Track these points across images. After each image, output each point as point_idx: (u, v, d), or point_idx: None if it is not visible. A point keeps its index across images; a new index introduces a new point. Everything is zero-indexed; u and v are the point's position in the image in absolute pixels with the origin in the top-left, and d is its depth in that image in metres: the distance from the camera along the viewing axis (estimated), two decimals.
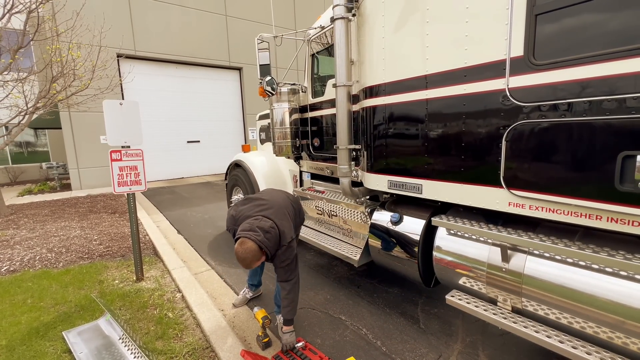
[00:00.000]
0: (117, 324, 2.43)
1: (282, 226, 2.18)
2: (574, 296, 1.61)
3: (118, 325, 2.41)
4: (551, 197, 1.61)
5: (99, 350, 2.23)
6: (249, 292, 3.00)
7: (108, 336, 2.38)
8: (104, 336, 2.38)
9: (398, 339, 2.45)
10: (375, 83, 2.46)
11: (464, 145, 1.95)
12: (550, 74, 1.55)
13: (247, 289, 3.01)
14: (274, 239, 2.11)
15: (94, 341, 2.33)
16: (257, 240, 2.00)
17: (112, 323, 2.48)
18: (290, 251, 2.21)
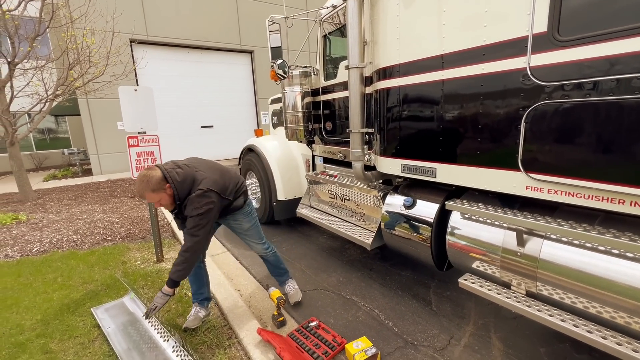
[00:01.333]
0: (141, 302, 2.56)
1: (201, 173, 2.08)
2: (591, 281, 1.58)
3: (142, 303, 2.54)
4: (572, 180, 1.56)
5: (124, 326, 2.37)
6: (201, 310, 2.44)
7: (132, 313, 2.52)
8: (129, 313, 2.53)
9: (410, 320, 2.49)
10: (389, 64, 2.40)
11: (480, 128, 1.90)
12: (575, 50, 1.47)
13: (198, 307, 2.45)
14: (187, 179, 2.01)
15: (120, 317, 2.47)
16: (164, 169, 1.96)
17: (135, 301, 2.61)
18: (205, 201, 1.99)
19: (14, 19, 5.73)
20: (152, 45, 10.74)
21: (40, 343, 2.25)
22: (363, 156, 2.75)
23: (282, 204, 4.35)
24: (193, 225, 2.02)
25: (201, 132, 12.51)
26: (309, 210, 3.92)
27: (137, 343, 2.19)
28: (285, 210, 4.38)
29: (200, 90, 12.25)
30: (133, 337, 2.25)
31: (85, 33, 6.41)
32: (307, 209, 3.99)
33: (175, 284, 2.08)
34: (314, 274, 3.27)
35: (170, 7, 11.02)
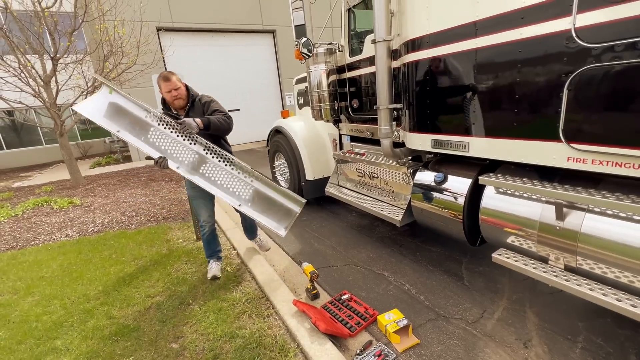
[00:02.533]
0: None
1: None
2: (637, 254, 1.51)
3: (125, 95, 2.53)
4: (620, 149, 1.46)
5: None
6: (219, 263, 2.99)
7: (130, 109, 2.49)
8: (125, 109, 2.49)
9: (441, 294, 2.52)
10: (418, 35, 2.30)
11: (518, 98, 1.81)
12: (630, 5, 1.33)
13: (217, 261, 2.97)
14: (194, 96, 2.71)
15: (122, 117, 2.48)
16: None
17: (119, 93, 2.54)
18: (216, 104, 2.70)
19: (52, 16, 6.06)
20: (178, 32, 10.92)
21: (104, 310, 2.56)
22: (392, 133, 2.72)
23: (311, 184, 4.43)
24: (225, 112, 2.66)
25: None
26: (337, 189, 3.97)
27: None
28: (314, 190, 4.46)
29: (225, 74, 12.41)
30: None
31: (116, 24, 6.65)
32: (335, 187, 4.04)
33: (208, 127, 2.49)
34: (344, 250, 3.36)
35: None
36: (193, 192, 2.87)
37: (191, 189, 2.87)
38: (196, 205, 2.92)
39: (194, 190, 2.84)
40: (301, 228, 4.03)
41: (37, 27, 6.04)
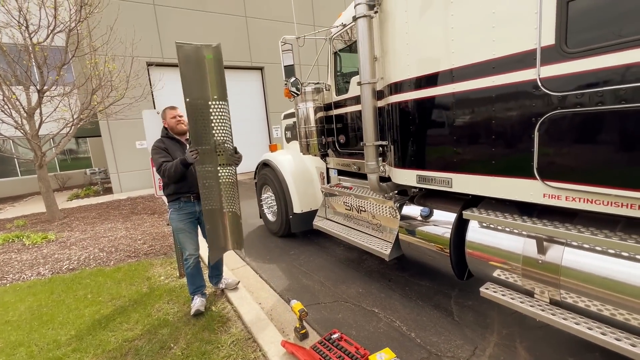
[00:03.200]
0: None
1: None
2: (616, 287, 1.58)
3: None
4: (589, 187, 1.58)
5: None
6: (204, 298, 2.96)
7: None
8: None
9: (432, 330, 2.49)
10: (400, 79, 2.48)
11: (494, 138, 1.94)
12: (584, 61, 1.51)
13: (201, 297, 2.93)
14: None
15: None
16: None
17: None
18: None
19: (43, 50, 6.14)
20: (168, 66, 11.20)
21: (76, 357, 2.36)
22: (378, 168, 2.81)
23: (298, 217, 4.43)
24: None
25: None
26: (325, 222, 3.97)
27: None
28: (301, 223, 4.45)
29: None
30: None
31: (107, 59, 6.79)
32: (323, 220, 4.05)
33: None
34: (332, 286, 3.30)
35: (183, 28, 11.54)
36: (181, 225, 2.84)
37: (179, 222, 2.83)
38: (182, 239, 2.88)
39: (181, 223, 2.83)
40: (289, 263, 3.95)
41: (26, 61, 6.08)
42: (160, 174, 2.68)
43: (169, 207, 2.88)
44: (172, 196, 2.80)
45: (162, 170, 2.64)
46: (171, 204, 2.83)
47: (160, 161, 2.67)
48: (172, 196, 2.80)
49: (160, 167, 2.65)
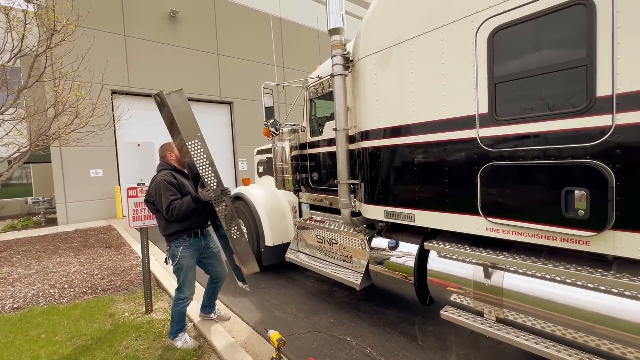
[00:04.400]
0: None
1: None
2: (542, 304, 1.97)
3: None
4: (519, 222, 2.01)
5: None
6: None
7: None
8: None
9: (400, 355, 2.70)
10: (370, 128, 2.91)
11: (447, 181, 2.37)
12: (508, 127, 2.02)
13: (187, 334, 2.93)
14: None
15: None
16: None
17: None
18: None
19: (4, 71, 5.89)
20: (134, 95, 11.06)
21: None
22: (350, 204, 3.14)
23: (270, 250, 4.53)
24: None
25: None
26: (297, 255, 4.14)
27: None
28: (273, 256, 4.55)
29: None
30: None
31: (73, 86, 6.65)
32: (295, 253, 4.20)
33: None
34: (305, 317, 3.41)
35: (154, 61, 11.65)
36: (191, 262, 2.84)
37: (190, 259, 2.81)
38: (189, 277, 2.84)
39: (192, 260, 2.85)
40: (260, 296, 3.99)
41: None
42: (169, 212, 2.57)
43: (174, 245, 2.75)
44: (180, 233, 2.72)
45: (171, 209, 2.56)
46: (178, 241, 2.74)
47: (170, 199, 2.58)
48: (181, 233, 2.73)
49: (169, 205, 2.56)
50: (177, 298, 2.85)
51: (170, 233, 2.74)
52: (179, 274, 2.82)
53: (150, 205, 2.81)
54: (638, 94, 1.57)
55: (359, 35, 2.96)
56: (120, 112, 8.42)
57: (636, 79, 1.57)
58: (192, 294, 2.88)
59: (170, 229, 2.73)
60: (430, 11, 2.37)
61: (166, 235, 2.79)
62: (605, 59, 1.64)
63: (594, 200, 1.68)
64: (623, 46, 1.59)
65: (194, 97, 12.76)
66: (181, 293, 2.83)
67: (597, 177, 1.67)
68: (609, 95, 1.64)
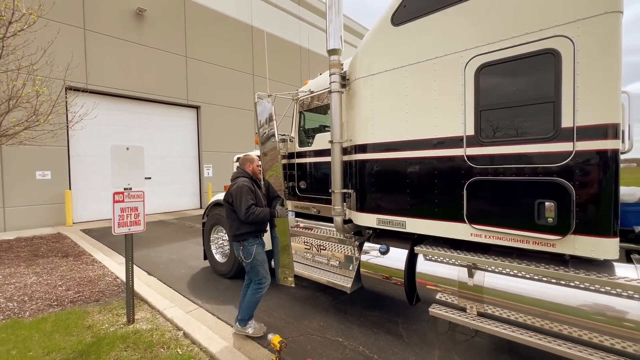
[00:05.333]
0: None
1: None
2: (517, 298, 2.34)
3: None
4: (498, 229, 2.38)
5: None
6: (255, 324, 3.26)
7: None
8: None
9: (390, 352, 2.93)
10: (365, 142, 3.17)
11: (437, 192, 2.70)
12: (491, 148, 2.39)
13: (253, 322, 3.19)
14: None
15: None
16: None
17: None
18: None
19: None
20: (94, 94, 10.31)
21: None
22: (343, 212, 3.35)
23: None
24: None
25: None
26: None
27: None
28: None
29: (141, 141, 11.84)
30: None
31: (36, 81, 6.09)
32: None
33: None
34: (295, 321, 3.51)
35: (116, 58, 11.01)
36: (264, 256, 3.20)
37: (262, 254, 3.18)
38: (264, 269, 3.15)
39: (264, 255, 3.22)
40: None
41: None
42: (245, 214, 2.95)
43: (247, 244, 3.09)
44: (252, 234, 3.11)
45: (250, 213, 2.96)
46: (251, 240, 3.11)
47: (250, 203, 2.99)
48: (252, 234, 3.12)
49: (249, 208, 2.96)
50: (257, 288, 3.12)
51: (242, 233, 3.08)
52: (256, 269, 3.12)
53: (228, 205, 3.13)
54: (592, 127, 2.01)
55: (357, 56, 3.24)
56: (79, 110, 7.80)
57: (590, 116, 2.01)
58: (270, 280, 3.22)
59: (243, 229, 3.07)
60: (426, 44, 2.72)
61: (238, 235, 3.09)
62: (568, 98, 2.07)
63: (560, 210, 2.09)
64: (581, 89, 2.03)
65: (159, 99, 12.24)
66: (262, 282, 3.14)
67: (562, 191, 2.08)
68: (571, 127, 2.07)
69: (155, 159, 12.28)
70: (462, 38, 2.51)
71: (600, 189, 2.01)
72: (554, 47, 2.10)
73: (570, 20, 2.04)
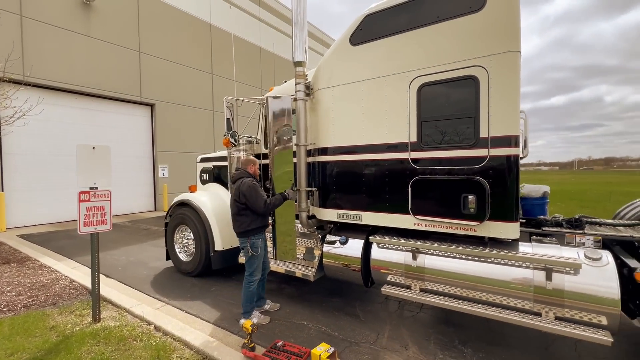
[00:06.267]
0: None
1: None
2: (448, 274, 2.89)
3: None
4: (435, 218, 2.91)
5: None
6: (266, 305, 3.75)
7: None
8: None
9: (349, 329, 3.35)
10: (326, 145, 3.57)
11: (388, 189, 3.18)
12: (428, 152, 2.93)
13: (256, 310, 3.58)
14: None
15: None
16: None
17: None
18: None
19: None
20: (39, 88, 9.47)
21: None
22: (307, 208, 3.71)
23: (220, 254, 4.72)
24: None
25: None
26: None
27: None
28: (223, 260, 4.74)
29: (87, 139, 11.09)
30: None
31: None
32: None
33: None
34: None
35: (58, 49, 10.22)
36: (264, 251, 3.50)
37: (263, 249, 3.48)
38: (260, 262, 3.47)
39: (265, 249, 3.53)
40: (213, 298, 4.17)
41: None
42: (264, 207, 3.27)
43: (254, 238, 3.36)
44: (259, 229, 3.41)
45: (267, 204, 3.29)
46: (258, 235, 3.40)
47: (264, 197, 3.32)
48: (260, 229, 3.41)
49: (265, 202, 3.29)
50: (248, 282, 3.42)
51: (253, 228, 3.36)
52: (253, 262, 3.42)
53: (239, 205, 3.36)
54: (501, 137, 2.61)
55: (320, 68, 3.64)
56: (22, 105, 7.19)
57: (499, 129, 2.61)
58: (260, 276, 3.53)
59: (254, 225, 3.36)
60: (379, 63, 3.19)
61: (249, 230, 3.36)
62: (484, 115, 2.66)
63: (479, 202, 2.66)
64: (493, 108, 2.63)
65: (110, 95, 11.57)
66: (253, 276, 3.43)
67: (480, 187, 2.66)
68: (486, 137, 2.66)
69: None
70: (407, 60, 3.02)
71: (506, 185, 2.62)
72: (474, 74, 2.68)
73: (485, 54, 2.63)
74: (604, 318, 2.32)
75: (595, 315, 2.34)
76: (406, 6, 3.00)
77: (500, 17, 2.58)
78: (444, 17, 2.80)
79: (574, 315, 2.41)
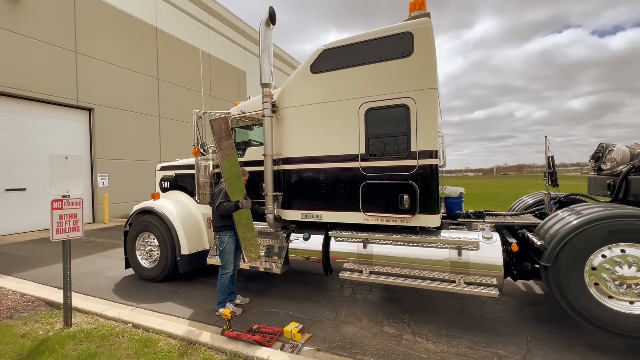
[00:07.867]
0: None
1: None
2: (390, 258, 3.68)
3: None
4: (378, 214, 3.69)
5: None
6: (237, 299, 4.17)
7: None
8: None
9: (312, 312, 3.95)
10: (290, 156, 4.17)
11: (342, 192, 3.89)
12: (374, 162, 3.71)
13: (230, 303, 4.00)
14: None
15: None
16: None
17: None
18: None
19: None
20: None
21: None
22: (274, 210, 4.25)
23: (186, 258, 4.96)
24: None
25: (6, 196, 9.92)
26: (217, 258, 4.80)
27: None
28: (189, 263, 4.98)
29: (14, 146, 10.05)
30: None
31: None
32: (215, 257, 4.84)
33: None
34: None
35: None
36: (233, 247, 3.95)
37: (232, 244, 3.93)
38: (230, 258, 3.94)
39: (233, 246, 3.95)
40: (183, 298, 4.43)
41: None
42: (217, 208, 3.83)
43: (222, 235, 3.91)
44: (228, 226, 3.90)
45: (219, 206, 3.80)
46: (225, 231, 3.91)
47: (221, 200, 3.81)
48: (226, 227, 3.91)
49: (219, 205, 3.79)
50: (221, 274, 3.89)
51: (221, 225, 3.91)
52: (223, 256, 3.93)
53: (213, 204, 3.96)
54: (425, 151, 3.48)
55: (285, 89, 4.24)
56: None
57: (424, 144, 3.49)
58: (232, 269, 3.97)
59: (222, 222, 3.91)
60: (334, 89, 3.91)
61: (216, 226, 3.95)
62: (414, 133, 3.52)
63: (411, 200, 3.50)
64: (419, 129, 3.50)
65: (39, 97, 10.62)
66: (224, 269, 3.91)
67: (412, 189, 3.50)
68: (415, 150, 3.52)
69: (33, 166, 10.55)
70: (357, 88, 3.79)
71: (430, 186, 3.50)
72: (406, 103, 3.54)
73: (414, 89, 3.51)
74: (494, 279, 3.29)
75: (489, 279, 3.30)
76: (356, 46, 3.78)
77: (424, 62, 3.48)
78: (385, 58, 3.63)
79: (476, 280, 3.35)
